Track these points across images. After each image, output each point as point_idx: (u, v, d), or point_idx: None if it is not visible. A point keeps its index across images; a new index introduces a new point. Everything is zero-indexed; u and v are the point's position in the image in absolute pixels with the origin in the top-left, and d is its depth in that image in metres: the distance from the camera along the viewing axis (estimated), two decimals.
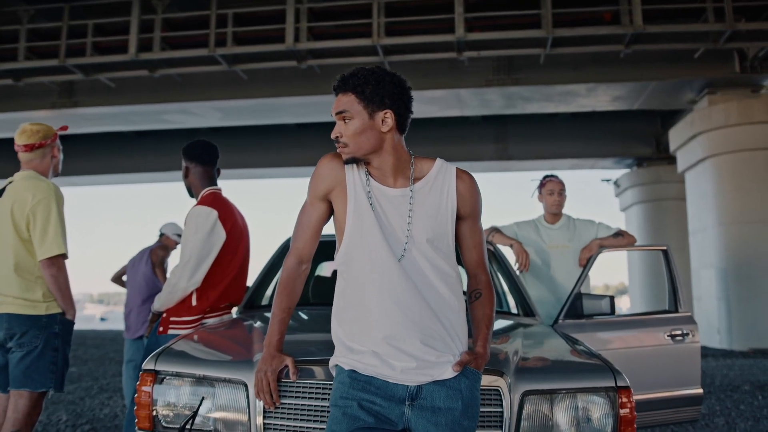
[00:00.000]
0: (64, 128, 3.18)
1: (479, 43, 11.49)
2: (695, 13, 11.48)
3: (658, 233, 17.13)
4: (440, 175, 1.91)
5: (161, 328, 2.89)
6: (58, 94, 13.94)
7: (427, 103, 13.57)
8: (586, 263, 3.71)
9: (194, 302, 2.89)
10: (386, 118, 1.84)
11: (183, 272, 2.85)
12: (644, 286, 17.34)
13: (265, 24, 11.82)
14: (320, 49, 11.88)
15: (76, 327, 3.12)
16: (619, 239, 3.86)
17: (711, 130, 12.71)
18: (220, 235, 2.92)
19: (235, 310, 3.27)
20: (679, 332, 3.53)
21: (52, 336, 2.92)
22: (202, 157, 3.10)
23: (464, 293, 1.95)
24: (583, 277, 3.56)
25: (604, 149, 17.49)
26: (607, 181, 20.54)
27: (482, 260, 1.98)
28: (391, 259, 1.80)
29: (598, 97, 13.60)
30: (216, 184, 3.13)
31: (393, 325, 1.77)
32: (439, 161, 1.94)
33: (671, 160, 16.00)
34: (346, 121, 1.83)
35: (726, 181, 12.64)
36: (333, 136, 1.84)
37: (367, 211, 1.84)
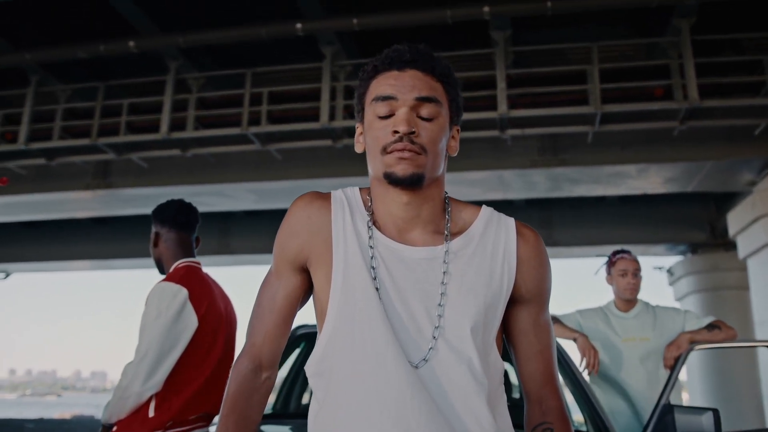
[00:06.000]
0: (4, 181, 2.54)
1: (523, 120, 10.95)
2: (754, 87, 10.81)
3: None
4: (490, 230, 1.19)
5: None
6: (93, 175, 13.75)
7: (469, 186, 12.96)
8: (674, 363, 2.85)
9: (152, 413, 2.11)
10: (456, 136, 1.16)
11: (137, 371, 2.09)
12: (705, 381, 15.92)
13: (299, 102, 11.54)
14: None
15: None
16: (715, 333, 2.97)
17: None
18: (191, 321, 2.16)
19: (216, 419, 2.54)
20: None
21: None
22: (177, 219, 2.38)
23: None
24: (672, 381, 2.71)
25: (655, 235, 16.58)
26: (660, 268, 19.51)
27: (552, 374, 1.18)
28: (402, 368, 1.01)
29: (649, 179, 12.86)
30: (193, 256, 2.42)
31: None
32: (486, 209, 1.21)
33: (728, 246, 15.00)
34: (427, 118, 1.08)
35: None
36: (404, 128, 1.06)
37: (364, 285, 1.07)
